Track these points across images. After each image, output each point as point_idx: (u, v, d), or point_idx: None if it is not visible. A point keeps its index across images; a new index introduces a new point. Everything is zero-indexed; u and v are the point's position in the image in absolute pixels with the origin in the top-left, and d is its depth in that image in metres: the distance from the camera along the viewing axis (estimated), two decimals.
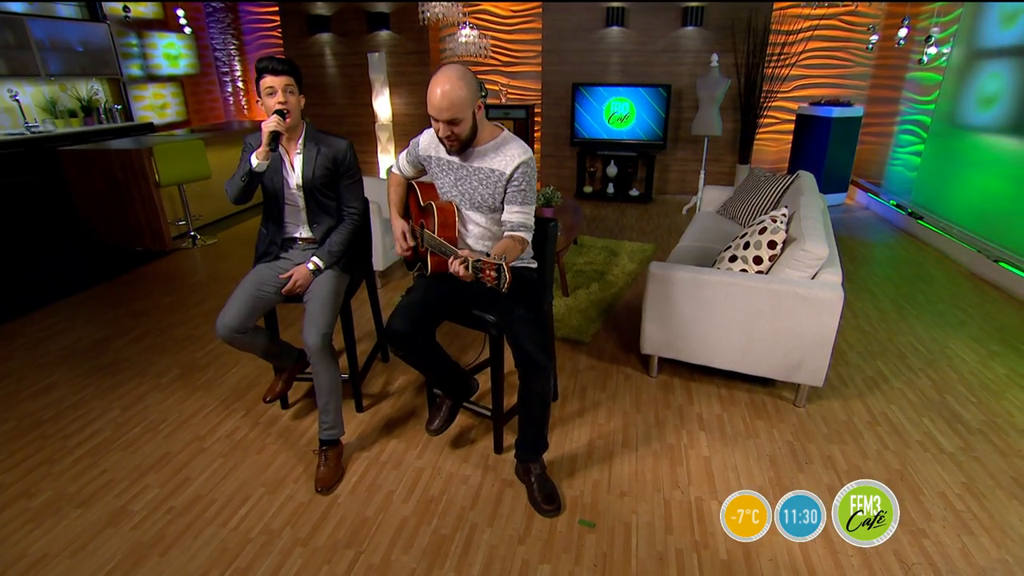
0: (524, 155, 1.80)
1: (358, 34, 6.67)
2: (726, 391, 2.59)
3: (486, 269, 1.51)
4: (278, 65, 1.93)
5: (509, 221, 1.83)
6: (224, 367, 2.85)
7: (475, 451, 2.20)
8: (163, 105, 7.40)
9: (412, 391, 2.62)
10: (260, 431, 2.34)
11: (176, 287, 3.93)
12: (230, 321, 1.97)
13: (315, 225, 2.14)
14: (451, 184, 1.90)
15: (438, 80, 1.66)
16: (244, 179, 1.95)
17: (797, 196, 3.15)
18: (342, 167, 2.10)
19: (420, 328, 1.83)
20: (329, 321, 2.01)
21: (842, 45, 6.03)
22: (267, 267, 2.15)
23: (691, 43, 6.02)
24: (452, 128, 1.71)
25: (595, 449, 2.20)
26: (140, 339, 3.17)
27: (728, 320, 2.39)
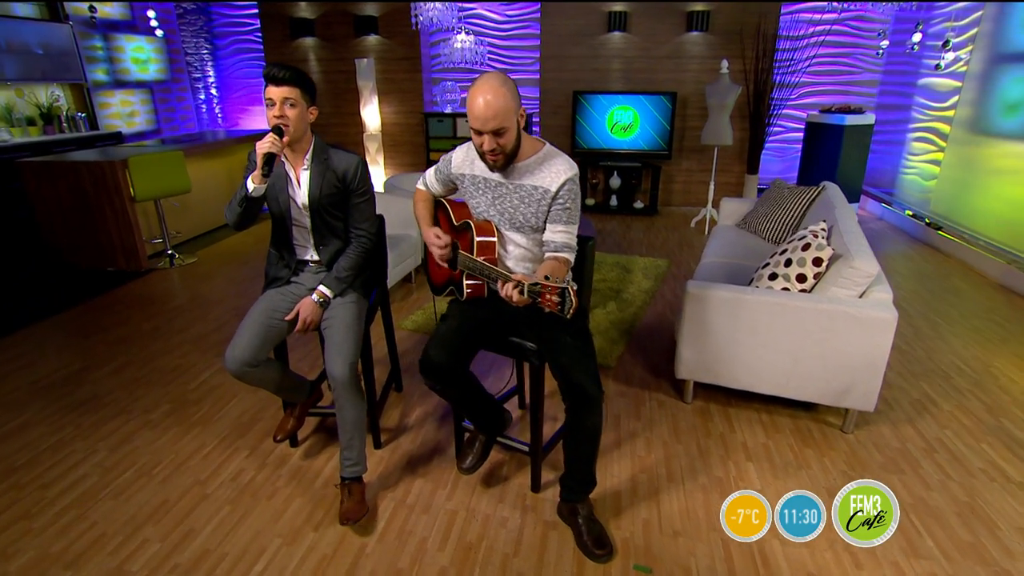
0: (570, 171, 1.78)
1: (344, 39, 6.66)
2: (767, 417, 2.58)
3: (546, 293, 1.47)
4: (279, 73, 1.84)
5: (553, 241, 1.81)
6: (220, 400, 2.76)
7: (510, 490, 2.14)
8: (132, 113, 7.27)
9: (432, 424, 2.55)
10: (269, 473, 2.25)
11: (156, 311, 3.81)
12: (241, 354, 1.90)
13: (322, 248, 2.08)
14: (488, 203, 1.88)
15: (479, 89, 1.64)
16: (242, 204, 1.88)
17: (827, 209, 3.19)
18: (351, 185, 2.03)
19: (460, 358, 1.79)
20: (354, 349, 1.95)
21: (850, 51, 6.20)
22: (278, 293, 2.09)
23: (696, 49, 6.12)
24: (498, 140, 1.68)
25: (639, 484, 2.16)
26: (121, 370, 3.05)
27: (772, 342, 2.39)
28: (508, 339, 1.96)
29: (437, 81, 6.91)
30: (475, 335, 1.88)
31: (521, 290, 1.50)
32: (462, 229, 1.92)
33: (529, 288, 1.49)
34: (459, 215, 1.97)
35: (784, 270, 2.49)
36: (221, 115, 8.43)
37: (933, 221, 5.06)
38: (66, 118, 6.31)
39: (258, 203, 1.90)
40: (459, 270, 1.93)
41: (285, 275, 2.11)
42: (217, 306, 3.87)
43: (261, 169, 1.82)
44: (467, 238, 1.89)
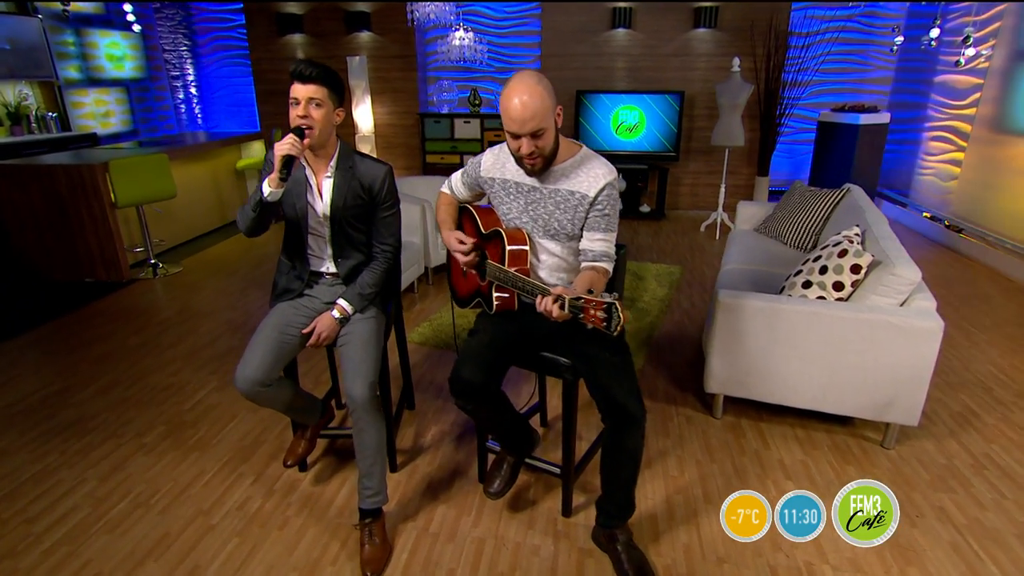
0: (610, 175, 1.77)
1: (335, 36, 6.62)
2: (803, 432, 2.56)
3: (590, 309, 1.44)
4: (307, 70, 1.80)
5: (591, 250, 1.79)
6: (219, 421, 2.69)
7: (539, 515, 2.10)
8: (107, 113, 7.17)
9: (450, 444, 2.50)
10: (278, 501, 2.19)
11: (142, 325, 3.73)
12: (253, 373, 1.84)
13: (340, 260, 2.04)
14: (520, 209, 1.85)
15: (513, 90, 1.61)
16: (256, 209, 1.83)
17: (854, 213, 3.19)
18: (378, 197, 1.99)
19: (493, 376, 1.76)
20: (374, 368, 1.90)
21: (861, 48, 6.26)
22: (290, 307, 2.04)
23: (704, 46, 6.16)
24: (536, 142, 1.66)
25: (675, 507, 2.13)
26: (108, 390, 2.97)
27: (809, 354, 2.37)
28: (539, 354, 1.92)
29: (433, 80, 6.89)
30: (507, 350, 1.84)
31: (562, 305, 1.47)
32: (491, 238, 1.89)
33: (571, 303, 1.46)
34: (487, 222, 1.94)
35: (819, 278, 2.48)
36: (201, 116, 8.35)
37: (953, 223, 5.10)
38: (36, 118, 6.19)
39: (273, 209, 1.86)
40: (487, 281, 1.90)
41: (297, 287, 2.06)
42: (208, 319, 3.80)
43: (279, 172, 1.77)
44: (497, 247, 1.85)
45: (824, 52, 5.89)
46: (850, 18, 6.07)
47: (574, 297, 1.46)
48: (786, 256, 3.55)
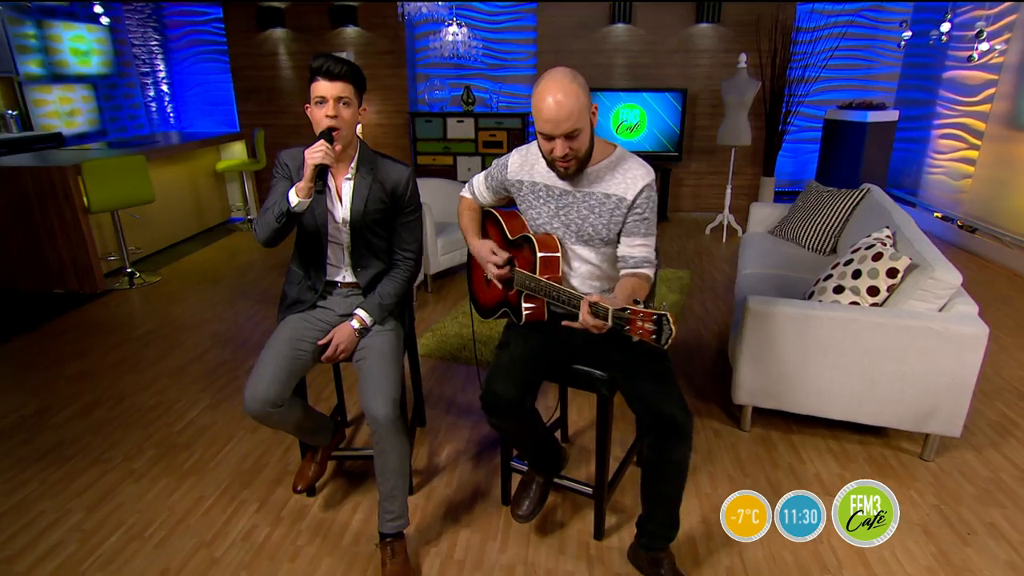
0: (648, 176, 1.76)
1: (319, 31, 6.56)
2: (836, 444, 2.55)
3: (636, 320, 1.41)
4: (335, 66, 1.74)
5: (631, 256, 1.78)
6: (215, 442, 2.61)
7: (570, 538, 2.05)
8: (72, 112, 7.01)
9: (467, 463, 2.45)
10: (286, 529, 2.12)
11: (121, 340, 3.63)
12: (265, 392, 1.78)
13: (360, 270, 1.99)
14: (551, 214, 1.82)
15: (546, 88, 1.59)
16: (281, 220, 1.78)
17: (878, 214, 3.21)
18: (401, 201, 1.95)
19: (528, 391, 1.72)
20: (396, 384, 1.85)
21: (867, 44, 6.34)
22: (302, 319, 1.99)
23: (707, 42, 6.19)
24: (571, 144, 1.63)
25: (712, 526, 2.10)
26: (89, 411, 2.87)
27: (844, 362, 2.36)
28: (571, 367, 1.89)
29: (423, 78, 6.85)
30: (540, 364, 1.81)
31: (603, 315, 1.45)
32: (519, 244, 1.87)
33: (615, 315, 1.44)
34: (514, 228, 1.91)
35: (852, 282, 2.48)
36: (174, 115, 8.21)
37: (967, 223, 5.17)
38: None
39: (298, 219, 1.81)
40: (515, 290, 1.86)
41: (310, 298, 2.00)
42: (193, 332, 3.70)
43: (311, 182, 1.72)
44: (526, 254, 1.83)
45: (832, 48, 5.95)
46: (856, 12, 6.14)
47: (619, 308, 1.44)
48: (806, 260, 3.56)
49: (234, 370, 3.22)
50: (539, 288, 1.74)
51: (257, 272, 4.81)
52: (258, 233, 1.85)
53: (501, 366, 1.75)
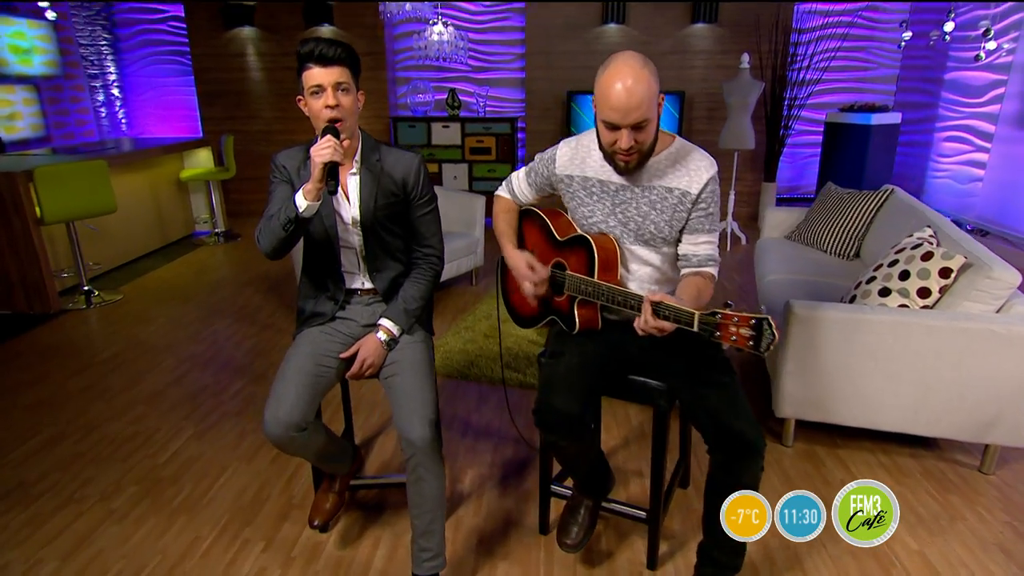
0: (712, 167, 1.72)
1: (292, 30, 6.46)
2: (886, 458, 2.52)
3: (730, 325, 1.35)
4: (328, 50, 1.63)
5: (694, 255, 1.73)
6: (206, 475, 2.45)
7: (620, 568, 1.96)
8: (12, 115, 6.72)
9: (493, 488, 2.34)
10: (301, 570, 1.97)
11: (83, 365, 3.43)
12: (288, 414, 1.66)
13: (376, 274, 1.91)
14: (607, 211, 1.77)
15: (616, 73, 1.53)
16: (288, 227, 1.68)
17: (910, 215, 3.22)
18: (413, 192, 1.87)
19: (588, 405, 1.64)
20: (433, 401, 1.76)
21: (863, 47, 6.49)
22: (321, 332, 1.88)
23: (703, 43, 6.27)
24: (637, 136, 1.58)
25: (772, 550, 2.03)
26: (53, 445, 2.68)
27: (896, 369, 2.33)
28: (627, 378, 1.82)
29: (404, 81, 6.78)
30: (598, 375, 1.73)
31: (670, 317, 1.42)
32: (571, 245, 1.80)
33: (703, 319, 1.39)
34: (561, 228, 1.85)
35: (900, 284, 2.46)
36: (126, 120, 7.97)
37: (977, 227, 5.28)
38: None
39: (307, 224, 1.71)
40: (565, 296, 1.78)
41: (329, 310, 1.90)
42: (167, 354, 3.52)
43: (323, 184, 1.62)
44: (579, 256, 1.76)
45: (834, 49, 6.06)
46: (854, 13, 6.28)
47: (708, 312, 1.39)
48: (831, 265, 3.56)
49: (218, 395, 3.06)
50: (598, 292, 1.67)
51: (231, 289, 4.63)
52: (262, 244, 1.75)
53: (557, 377, 1.67)
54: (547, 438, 1.67)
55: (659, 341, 1.76)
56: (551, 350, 1.80)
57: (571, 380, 1.66)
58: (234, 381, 3.19)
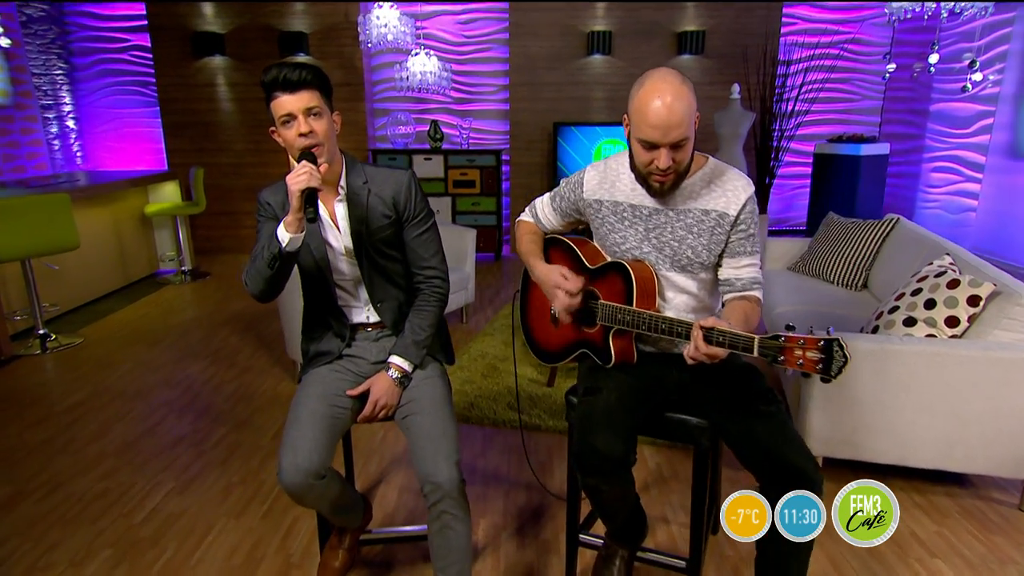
0: (750, 187, 1.71)
1: (265, 58, 6.43)
2: (921, 498, 2.48)
3: (794, 349, 1.32)
4: (292, 74, 1.58)
5: (738, 278, 1.72)
6: (190, 535, 2.29)
7: None
8: None
9: (510, 541, 2.24)
10: None
11: (43, 415, 3.24)
12: (308, 460, 1.57)
13: (380, 305, 1.85)
14: (641, 237, 1.74)
15: (655, 89, 1.51)
16: (274, 264, 1.62)
17: (915, 243, 3.28)
18: (406, 211, 1.82)
19: (632, 446, 1.57)
20: (457, 439, 1.70)
21: (847, 77, 6.71)
22: (331, 371, 1.81)
23: (690, 74, 6.34)
24: (675, 155, 1.56)
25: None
26: (11, 505, 2.50)
27: (929, 403, 2.32)
28: (663, 415, 1.76)
29: (384, 112, 6.79)
30: (638, 412, 1.67)
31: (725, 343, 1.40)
32: (603, 273, 1.77)
33: (763, 343, 1.36)
34: (592, 257, 1.83)
35: (926, 313, 2.46)
36: (81, 153, 7.80)
37: None
38: None
39: (294, 259, 1.66)
40: (598, 326, 1.73)
41: (335, 347, 1.84)
42: (137, 401, 3.36)
43: (302, 212, 1.56)
44: (612, 284, 1.73)
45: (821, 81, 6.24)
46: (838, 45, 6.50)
47: (769, 336, 1.36)
48: (839, 296, 3.59)
49: (199, 444, 2.91)
50: (637, 321, 1.63)
51: (204, 330, 4.48)
52: (250, 286, 1.70)
53: (597, 415, 1.60)
54: (587, 482, 1.59)
55: (699, 373, 1.73)
56: (585, 387, 1.74)
57: (612, 418, 1.59)
58: (215, 429, 3.04)
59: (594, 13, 6.35)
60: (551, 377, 3.36)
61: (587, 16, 6.36)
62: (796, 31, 6.47)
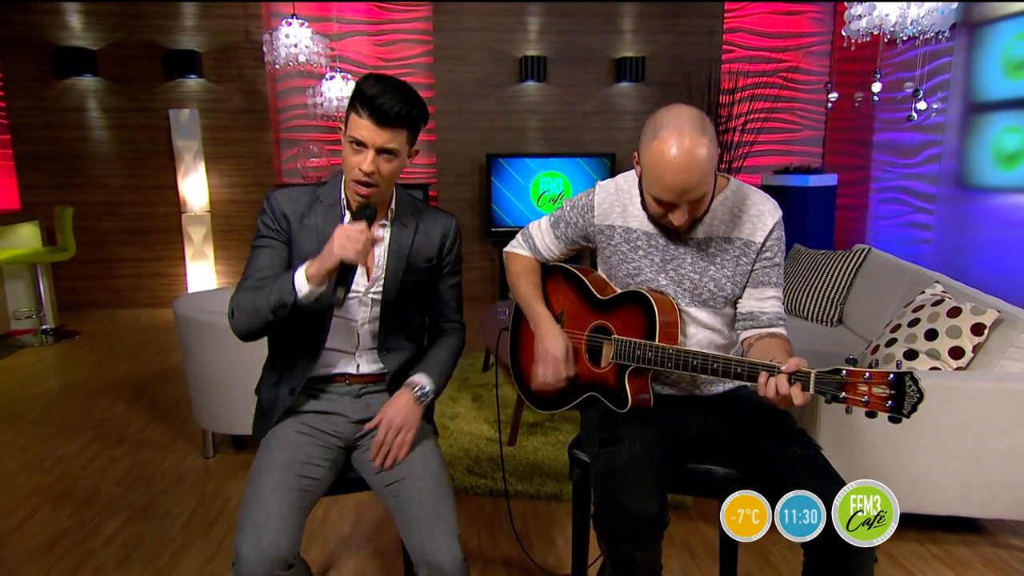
0: (777, 211, 1.73)
1: (149, 81, 6.15)
2: (937, 548, 2.50)
3: (858, 384, 1.31)
4: (390, 104, 1.49)
5: (763, 312, 1.71)
6: None
7: None
8: None
9: None
10: None
11: None
12: (274, 546, 1.40)
13: (387, 353, 1.76)
14: (657, 268, 1.73)
15: (671, 142, 1.47)
16: (279, 312, 1.50)
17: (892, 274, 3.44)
18: (448, 256, 1.82)
19: (665, 502, 1.50)
20: (455, 510, 1.58)
21: (789, 107, 7.11)
22: (298, 432, 1.65)
23: (629, 103, 6.63)
24: (692, 209, 1.56)
25: None
26: None
27: (944, 443, 2.35)
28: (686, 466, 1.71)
29: (293, 143, 6.62)
30: (665, 464, 1.59)
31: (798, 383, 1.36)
32: (617, 305, 1.74)
33: (820, 378, 1.35)
34: (600, 286, 1.81)
35: (928, 344, 2.52)
36: None
37: None
38: None
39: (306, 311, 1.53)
40: (610, 366, 1.70)
41: (281, 402, 1.69)
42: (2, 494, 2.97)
43: (339, 282, 1.47)
44: (630, 319, 1.69)
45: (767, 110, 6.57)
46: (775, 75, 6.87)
47: (827, 371, 1.34)
48: (816, 333, 3.69)
49: (87, 540, 2.57)
50: (663, 358, 1.58)
51: (80, 400, 4.07)
52: (237, 321, 1.57)
53: (623, 469, 1.51)
54: (617, 550, 1.48)
55: (725, 416, 1.68)
56: (601, 437, 1.65)
57: (640, 472, 1.51)
58: (107, 520, 2.70)
59: (526, 37, 6.48)
60: (512, 434, 3.24)
61: (519, 40, 6.48)
62: (736, 59, 6.80)
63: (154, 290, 6.47)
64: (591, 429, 1.74)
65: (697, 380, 1.73)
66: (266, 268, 1.60)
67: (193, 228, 6.22)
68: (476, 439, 3.30)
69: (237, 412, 2.99)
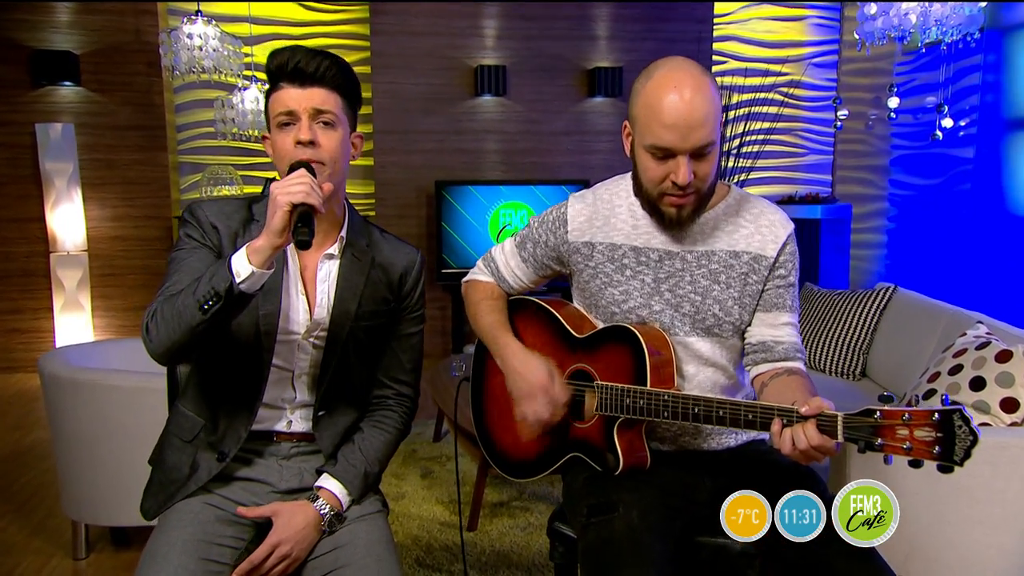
0: (788, 223, 1.79)
1: (12, 89, 6.17)
2: None
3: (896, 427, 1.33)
4: (309, 62, 1.57)
5: (777, 341, 1.74)
6: None
7: None
8: None
9: None
10: None
11: None
12: None
13: (323, 415, 1.76)
14: (649, 291, 1.76)
15: (669, 80, 1.55)
16: (210, 306, 1.45)
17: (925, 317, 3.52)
18: (408, 299, 1.85)
19: None
20: None
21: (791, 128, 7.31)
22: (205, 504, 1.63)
23: (604, 121, 6.77)
24: (697, 167, 1.58)
25: None
26: None
27: (1001, 514, 2.35)
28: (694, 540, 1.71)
29: (198, 164, 6.64)
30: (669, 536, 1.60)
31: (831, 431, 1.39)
32: (597, 343, 1.77)
33: (848, 421, 1.37)
34: (578, 323, 1.84)
35: (974, 395, 2.55)
36: None
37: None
38: None
39: (244, 307, 1.51)
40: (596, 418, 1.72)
41: (205, 467, 1.65)
42: None
43: (289, 232, 1.43)
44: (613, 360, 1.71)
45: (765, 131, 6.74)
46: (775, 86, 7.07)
47: (856, 413, 1.37)
48: (837, 387, 3.78)
49: None
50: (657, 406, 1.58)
51: None
52: (156, 333, 1.51)
53: (618, 543, 1.51)
54: None
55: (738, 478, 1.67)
56: (590, 505, 1.65)
57: (639, 545, 1.51)
58: None
59: (482, 44, 6.60)
60: (472, 518, 3.23)
61: (473, 47, 6.60)
62: (728, 71, 6.99)
63: (9, 351, 6.34)
64: (576, 496, 1.73)
65: (701, 432, 1.75)
66: (195, 272, 1.54)
67: (65, 272, 6.16)
68: (428, 524, 3.30)
69: (119, 497, 2.86)
